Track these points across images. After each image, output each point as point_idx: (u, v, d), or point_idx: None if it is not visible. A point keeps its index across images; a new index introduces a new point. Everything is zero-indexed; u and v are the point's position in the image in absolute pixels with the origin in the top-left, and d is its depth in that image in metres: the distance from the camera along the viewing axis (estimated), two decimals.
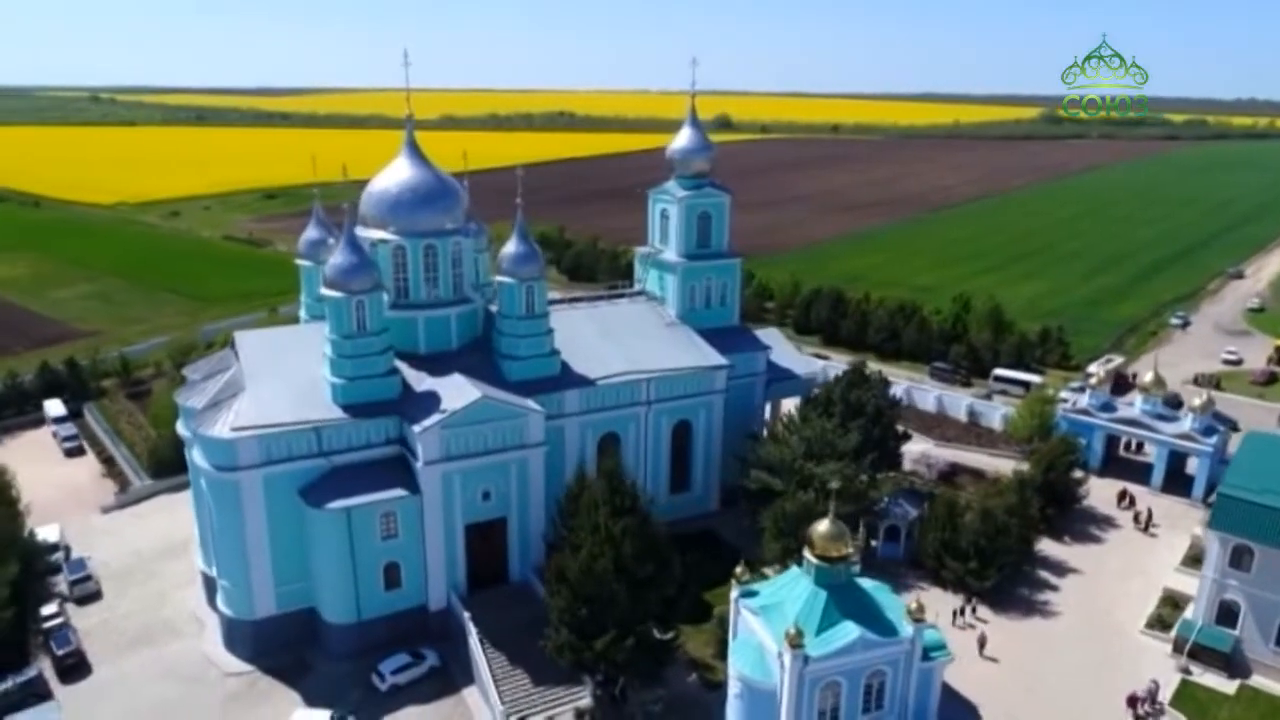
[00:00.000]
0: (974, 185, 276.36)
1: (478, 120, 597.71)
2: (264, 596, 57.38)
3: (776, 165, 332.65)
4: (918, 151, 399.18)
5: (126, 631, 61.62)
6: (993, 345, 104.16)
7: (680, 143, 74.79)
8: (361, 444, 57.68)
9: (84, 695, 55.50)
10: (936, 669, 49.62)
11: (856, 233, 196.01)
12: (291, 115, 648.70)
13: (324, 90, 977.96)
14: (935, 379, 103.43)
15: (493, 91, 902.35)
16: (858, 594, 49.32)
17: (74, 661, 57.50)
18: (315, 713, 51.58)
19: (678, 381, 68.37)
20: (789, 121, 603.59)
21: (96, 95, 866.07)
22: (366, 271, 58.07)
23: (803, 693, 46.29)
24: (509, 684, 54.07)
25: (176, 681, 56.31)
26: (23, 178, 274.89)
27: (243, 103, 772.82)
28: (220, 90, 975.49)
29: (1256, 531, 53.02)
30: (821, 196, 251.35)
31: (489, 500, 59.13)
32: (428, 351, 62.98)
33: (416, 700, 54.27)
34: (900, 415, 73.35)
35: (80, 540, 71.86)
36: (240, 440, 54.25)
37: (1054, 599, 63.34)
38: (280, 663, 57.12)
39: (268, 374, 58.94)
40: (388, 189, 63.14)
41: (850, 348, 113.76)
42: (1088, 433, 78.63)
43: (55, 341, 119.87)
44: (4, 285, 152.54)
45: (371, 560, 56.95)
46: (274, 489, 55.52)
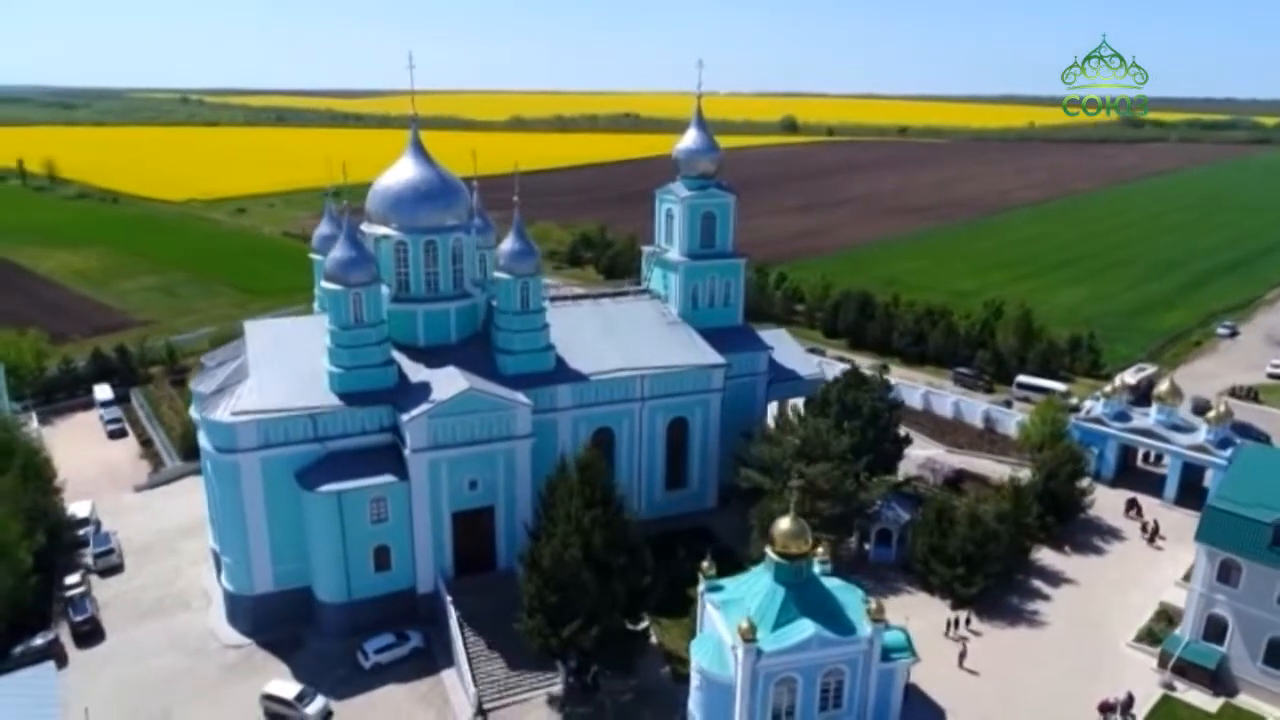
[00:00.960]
0: (1035, 190, 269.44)
1: (544, 122, 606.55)
2: (262, 574, 60.23)
3: (835, 168, 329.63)
4: (984, 155, 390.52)
5: (141, 603, 65.26)
6: (1019, 352, 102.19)
7: (686, 143, 75.64)
8: (356, 431, 60.02)
9: (96, 660, 59.10)
10: (898, 670, 49.66)
11: (902, 236, 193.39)
12: (365, 116, 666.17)
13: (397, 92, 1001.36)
14: (958, 385, 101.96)
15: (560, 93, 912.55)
16: (818, 592, 49.69)
17: (89, 628, 61.17)
18: (287, 684, 54.05)
19: (673, 379, 69.22)
20: (857, 124, 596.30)
21: (186, 97, 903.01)
22: (364, 266, 60.50)
23: (756, 686, 46.89)
24: (485, 667, 55.83)
25: (180, 651, 59.44)
26: (105, 175, 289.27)
27: (320, 104, 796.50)
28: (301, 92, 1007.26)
29: (1243, 546, 51.53)
30: (874, 199, 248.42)
31: (476, 489, 60.97)
32: (427, 344, 65.13)
33: (397, 679, 56.33)
34: (900, 418, 72.83)
35: (111, 516, 75.99)
36: (239, 424, 57.16)
37: (1044, 608, 62.33)
38: (276, 637, 59.84)
39: (272, 362, 61.82)
40: (390, 187, 65.57)
41: (876, 351, 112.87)
42: (1100, 442, 76.87)
43: (113, 329, 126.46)
44: (75, 276, 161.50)
45: (362, 543, 59.28)
46: (272, 471, 58.25)
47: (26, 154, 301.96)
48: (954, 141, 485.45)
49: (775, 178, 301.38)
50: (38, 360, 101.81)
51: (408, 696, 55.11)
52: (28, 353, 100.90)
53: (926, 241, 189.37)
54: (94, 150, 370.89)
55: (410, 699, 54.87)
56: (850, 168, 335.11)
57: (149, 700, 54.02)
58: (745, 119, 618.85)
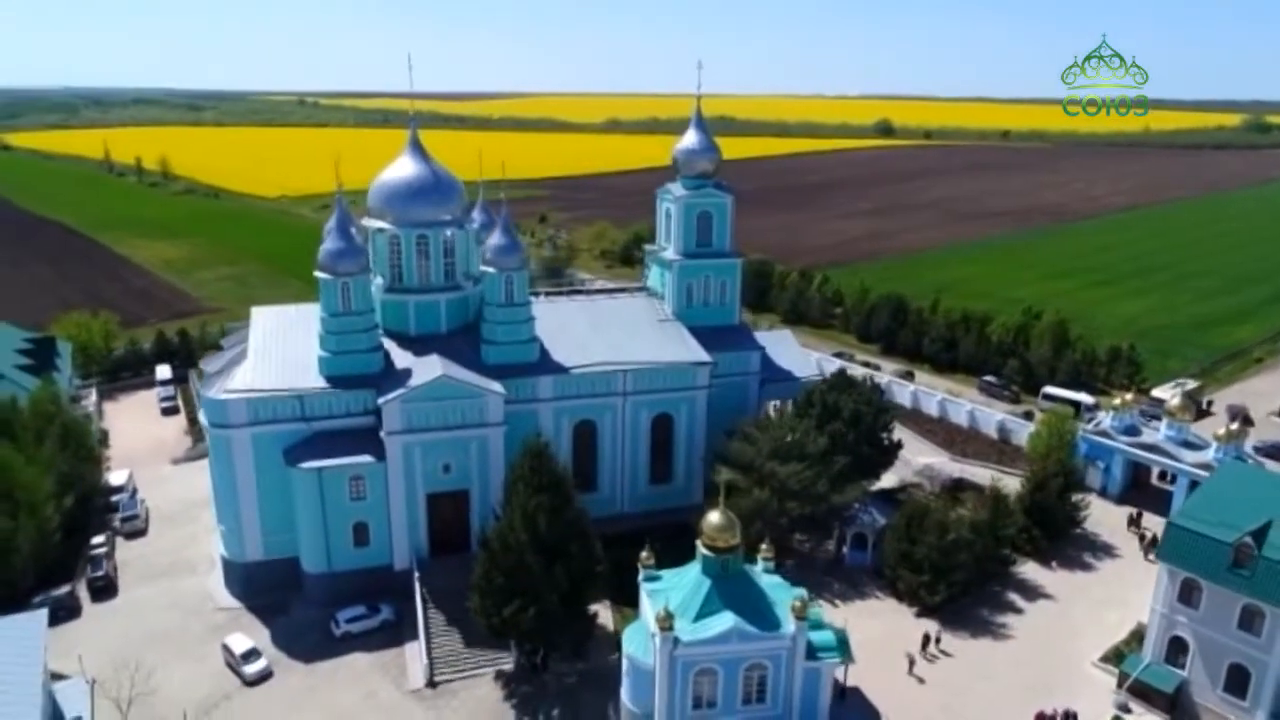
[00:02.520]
0: (1126, 196, 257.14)
1: (640, 124, 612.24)
2: (253, 542, 64.39)
3: (922, 172, 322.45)
4: (1084, 160, 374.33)
5: (155, 565, 70.54)
6: (1050, 362, 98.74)
7: (684, 143, 76.64)
8: (341, 412, 63.45)
9: (105, 613, 64.41)
10: (824, 670, 49.71)
11: (971, 242, 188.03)
12: (466, 118, 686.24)
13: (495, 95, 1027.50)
14: (984, 393, 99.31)
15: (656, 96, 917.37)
16: (746, 586, 50.19)
17: (103, 585, 66.60)
18: (242, 639, 58.54)
19: (656, 375, 70.30)
20: (958, 128, 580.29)
21: (303, 99, 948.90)
22: (353, 257, 63.99)
23: (675, 675, 47.84)
24: (441, 642, 58.42)
25: (179, 611, 64.15)
26: (211, 172, 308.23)
27: (425, 106, 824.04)
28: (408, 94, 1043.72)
29: (1203, 566, 49.34)
30: (952, 204, 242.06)
31: (450, 473, 63.60)
32: (418, 333, 68.25)
33: (364, 649, 59.43)
34: (891, 422, 71.74)
35: (146, 486, 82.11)
36: (231, 402, 61.38)
37: (1013, 622, 60.79)
38: (264, 603, 63.90)
39: (270, 346, 66.05)
40: (386, 183, 69.04)
41: (906, 357, 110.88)
42: (1107, 456, 74.04)
43: (186, 315, 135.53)
44: (164, 265, 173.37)
45: (342, 518, 62.72)
46: (261, 447, 62.25)
47: (148, 152, 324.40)
48: (1058, 146, 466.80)
49: (857, 181, 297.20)
50: (106, 341, 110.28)
51: (370, 665, 58.11)
52: (98, 334, 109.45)
53: (995, 247, 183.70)
54: (207, 149, 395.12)
55: (372, 667, 57.85)
56: (939, 171, 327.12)
57: (138, 652, 58.29)
58: (842, 122, 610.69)
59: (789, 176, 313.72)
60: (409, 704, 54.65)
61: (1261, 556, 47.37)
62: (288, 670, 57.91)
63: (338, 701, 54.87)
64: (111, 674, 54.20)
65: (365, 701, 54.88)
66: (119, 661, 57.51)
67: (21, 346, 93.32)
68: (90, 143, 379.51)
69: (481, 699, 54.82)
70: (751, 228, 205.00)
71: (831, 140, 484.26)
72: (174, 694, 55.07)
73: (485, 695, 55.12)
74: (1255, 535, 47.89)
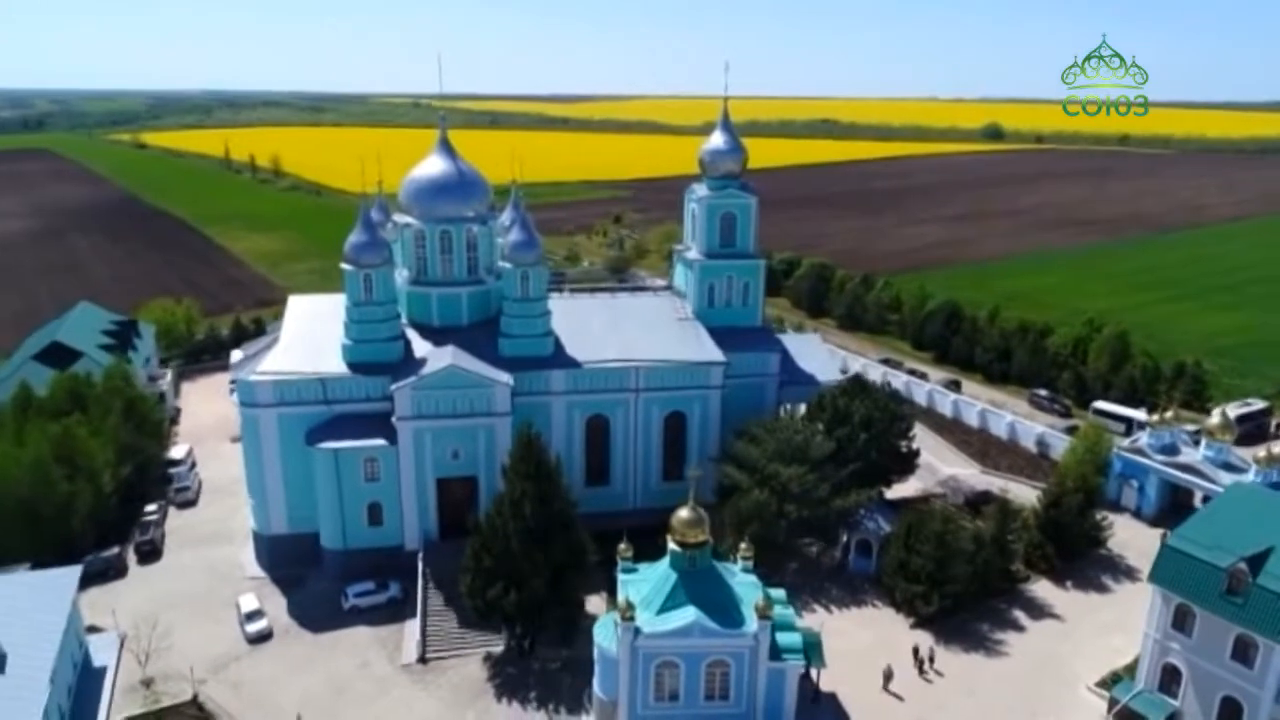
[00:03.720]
0: (1236, 207, 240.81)
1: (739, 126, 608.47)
2: (278, 517, 68.46)
3: (1021, 177, 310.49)
4: (1200, 168, 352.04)
5: (199, 533, 75.68)
6: (1106, 376, 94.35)
7: (710, 144, 77.23)
8: (361, 397, 66.77)
9: (148, 574, 69.76)
10: (788, 671, 49.44)
11: (1052, 251, 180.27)
12: (570, 120, 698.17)
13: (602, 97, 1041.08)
14: (1034, 406, 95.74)
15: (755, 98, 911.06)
16: (714, 582, 50.44)
17: (149, 549, 72.00)
18: (252, 600, 63.28)
19: (668, 373, 71.06)
20: (1074, 132, 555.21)
21: (418, 101, 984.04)
22: (376, 250, 67.25)
23: (636, 665, 48.60)
24: (437, 621, 60.89)
25: (211, 577, 68.77)
26: (317, 170, 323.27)
27: (532, 108, 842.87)
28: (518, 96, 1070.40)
29: (1196, 591, 46.93)
30: (1040, 211, 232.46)
31: (458, 459, 66.06)
32: (440, 325, 71.12)
33: (369, 622, 62.50)
34: (907, 430, 70.39)
35: (204, 461, 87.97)
36: (258, 383, 65.50)
37: (1011, 639, 58.95)
38: (286, 574, 67.88)
39: (302, 332, 70.05)
40: (414, 180, 72.17)
41: (958, 367, 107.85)
42: (1141, 476, 70.63)
43: (268, 304, 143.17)
44: (259, 256, 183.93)
45: (357, 498, 66.06)
46: (286, 427, 66.19)
47: (265, 151, 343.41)
48: (1180, 153, 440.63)
49: (948, 186, 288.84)
50: (188, 326, 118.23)
51: (370, 638, 61.07)
52: (181, 319, 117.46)
53: (1077, 257, 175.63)
54: (318, 148, 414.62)
55: (372, 641, 60.81)
56: (1042, 177, 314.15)
57: (164, 611, 62.98)
58: (950, 125, 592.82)
59: (879, 180, 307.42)
60: (399, 676, 57.25)
61: (1256, 584, 44.79)
62: (296, 637, 61.53)
63: (335, 669, 57.95)
64: (139, 630, 58.96)
65: (359, 671, 57.79)
66: (143, 618, 62.39)
67: (107, 327, 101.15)
68: (215, 142, 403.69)
69: (467, 677, 56.91)
70: (825, 231, 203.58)
71: (935, 144, 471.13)
72: (191, 651, 59.13)
73: (471, 674, 57.18)
74: (1252, 561, 45.30)
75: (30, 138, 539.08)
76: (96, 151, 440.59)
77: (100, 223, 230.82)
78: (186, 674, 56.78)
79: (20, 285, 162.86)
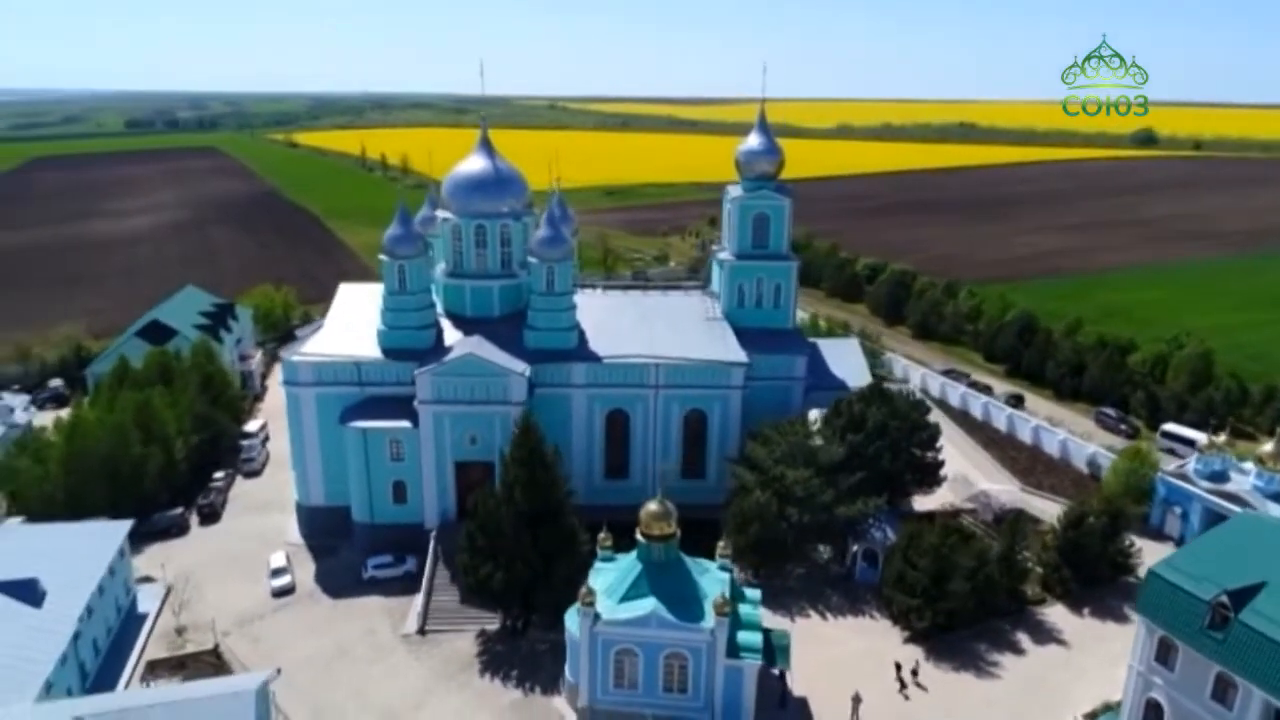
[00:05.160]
0: None
1: (871, 130, 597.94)
2: (316, 489, 73.43)
3: (1154, 186, 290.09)
4: None
5: (257, 501, 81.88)
6: (1181, 397, 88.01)
7: (747, 145, 77.29)
8: (392, 381, 70.65)
9: (205, 535, 76.30)
10: (745, 670, 49.67)
11: (1167, 263, 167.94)
12: (699, 123, 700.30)
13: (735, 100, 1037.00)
14: (1100, 426, 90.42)
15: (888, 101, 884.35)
16: (679, 576, 51.24)
17: (209, 512, 78.56)
18: (281, 557, 68.69)
19: (687, 371, 71.69)
20: (1239, 139, 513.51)
21: (553, 104, 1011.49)
22: (410, 243, 71.11)
23: (595, 650, 50.16)
24: (440, 596, 63.90)
25: (257, 541, 74.24)
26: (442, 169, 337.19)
27: (662, 110, 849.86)
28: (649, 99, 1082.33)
29: (1178, 624, 44.01)
30: (1169, 222, 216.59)
31: (475, 445, 68.93)
32: (473, 315, 74.35)
33: (383, 593, 66.31)
34: (930, 440, 68.36)
35: (277, 435, 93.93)
36: (300, 364, 70.51)
37: (1008, 663, 56.56)
38: (320, 543, 72.75)
39: (347, 318, 74.79)
40: (454, 177, 75.69)
41: (1029, 381, 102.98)
42: (1185, 502, 66.02)
43: None
44: (371, 249, 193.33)
45: (383, 475, 70.06)
46: (324, 406, 70.95)
47: (401, 151, 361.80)
48: None
49: (1076, 193, 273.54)
50: (285, 311, 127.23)
51: (381, 608, 64.79)
52: (279, 305, 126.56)
53: (1195, 271, 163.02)
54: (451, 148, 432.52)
55: (381, 610, 64.51)
56: (1182, 185, 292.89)
57: (203, 569, 68.88)
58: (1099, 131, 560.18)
59: (1005, 186, 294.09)
60: (397, 645, 60.60)
61: (1238, 620, 41.69)
62: (316, 601, 66.01)
63: (344, 633, 61.90)
64: (183, 583, 65.05)
65: (364, 637, 61.50)
66: (183, 574, 68.37)
67: (206, 309, 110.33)
68: (357, 142, 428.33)
69: (457, 651, 59.60)
70: (927, 237, 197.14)
71: (1076, 150, 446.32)
72: (224, 605, 64.54)
73: (462, 649, 59.83)
74: (1238, 595, 42.20)
75: (203, 136, 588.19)
76: (255, 150, 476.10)
77: (240, 216, 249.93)
78: (216, 626, 62.01)
79: (161, 272, 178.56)
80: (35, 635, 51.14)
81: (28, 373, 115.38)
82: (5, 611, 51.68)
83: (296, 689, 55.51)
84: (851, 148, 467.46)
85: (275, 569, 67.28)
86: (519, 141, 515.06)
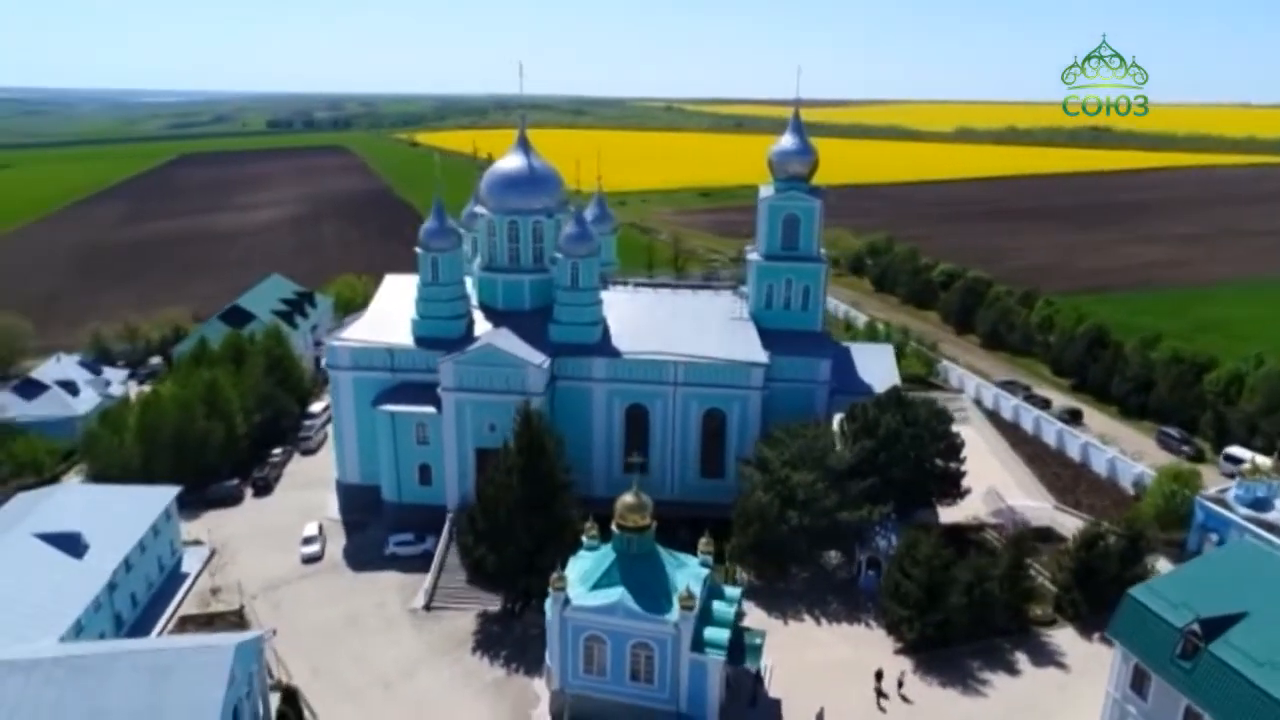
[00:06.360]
0: None
1: (993, 133, 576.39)
2: (352, 468, 77.56)
3: None
4: None
5: (308, 477, 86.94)
6: (1253, 419, 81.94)
7: (780, 145, 76.95)
8: (423, 368, 73.69)
9: (257, 506, 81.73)
10: (710, 665, 49.88)
11: (1267, 278, 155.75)
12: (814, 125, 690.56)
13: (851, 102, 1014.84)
14: (1162, 446, 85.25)
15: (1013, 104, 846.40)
16: (652, 568, 51.92)
17: (262, 485, 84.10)
18: (313, 525, 73.30)
19: (707, 369, 72.03)
20: None
21: (669, 105, 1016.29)
22: (444, 236, 74.23)
23: (565, 633, 51.52)
24: (448, 576, 66.55)
25: (298, 514, 78.80)
26: None
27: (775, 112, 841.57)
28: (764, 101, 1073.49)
29: (1150, 651, 41.85)
30: None
31: (494, 432, 70.95)
32: (504, 308, 76.90)
33: (400, 569, 69.49)
34: (948, 449, 66.41)
35: None
36: (339, 348, 74.73)
37: (1000, 682, 54.54)
38: (354, 519, 76.74)
39: (387, 307, 78.60)
40: (492, 174, 78.35)
41: (1095, 396, 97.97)
42: (1223, 529, 61.91)
43: None
44: None
45: (410, 457, 73.43)
46: (360, 389, 74.85)
47: None
48: None
49: (1201, 200, 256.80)
50: (365, 299, 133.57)
51: (395, 583, 67.99)
52: (359, 293, 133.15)
53: None
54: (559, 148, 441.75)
55: (395, 585, 67.69)
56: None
57: (238, 539, 73.92)
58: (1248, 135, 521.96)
59: (1123, 193, 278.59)
60: (403, 619, 63.56)
61: (1208, 650, 39.37)
62: (340, 573, 69.87)
63: (358, 604, 65.35)
64: (223, 549, 70.20)
65: (375, 609, 64.75)
66: (220, 542, 73.51)
67: (287, 296, 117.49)
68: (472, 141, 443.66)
69: (456, 628, 62.04)
70: (1022, 245, 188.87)
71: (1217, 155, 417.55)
72: (257, 572, 69.20)
73: (460, 627, 62.24)
74: (1213, 624, 39.85)
75: (335, 136, 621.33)
76: (380, 149, 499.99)
77: (352, 211, 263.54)
78: (244, 589, 66.65)
79: (270, 263, 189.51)
80: (72, 582, 56.40)
81: (134, 350, 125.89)
82: (49, 560, 57.28)
83: (303, 650, 59.10)
84: (971, 151, 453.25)
85: (306, 537, 71.76)
86: (632, 143, 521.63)
